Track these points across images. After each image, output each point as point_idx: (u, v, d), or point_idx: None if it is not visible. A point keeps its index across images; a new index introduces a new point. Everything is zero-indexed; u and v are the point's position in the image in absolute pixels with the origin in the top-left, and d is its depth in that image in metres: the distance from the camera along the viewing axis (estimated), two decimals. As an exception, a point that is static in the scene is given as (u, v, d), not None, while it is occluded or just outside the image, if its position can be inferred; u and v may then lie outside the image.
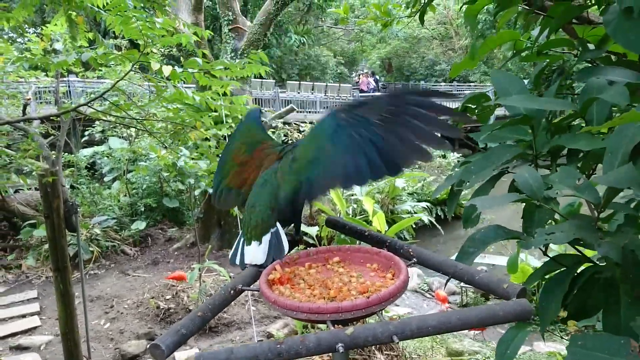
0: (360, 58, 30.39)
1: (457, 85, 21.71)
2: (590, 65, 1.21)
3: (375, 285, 0.89)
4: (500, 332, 5.90)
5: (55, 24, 4.56)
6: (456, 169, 1.13)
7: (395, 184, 7.53)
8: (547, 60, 1.26)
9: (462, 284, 7.07)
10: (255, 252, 1.01)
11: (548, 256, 0.93)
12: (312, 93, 18.33)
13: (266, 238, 1.02)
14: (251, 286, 0.92)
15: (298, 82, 19.00)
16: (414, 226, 8.34)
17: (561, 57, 1.31)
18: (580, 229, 0.74)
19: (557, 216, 0.93)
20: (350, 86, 21.00)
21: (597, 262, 0.88)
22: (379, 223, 4.43)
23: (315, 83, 19.39)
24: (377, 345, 4.73)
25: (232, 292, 0.87)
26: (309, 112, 17.12)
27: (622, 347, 0.65)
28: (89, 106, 3.91)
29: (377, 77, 26.77)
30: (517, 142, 1.06)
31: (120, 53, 3.63)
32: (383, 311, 0.85)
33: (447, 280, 0.95)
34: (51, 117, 5.04)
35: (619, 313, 0.78)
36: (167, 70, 3.54)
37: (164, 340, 0.69)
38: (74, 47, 4.31)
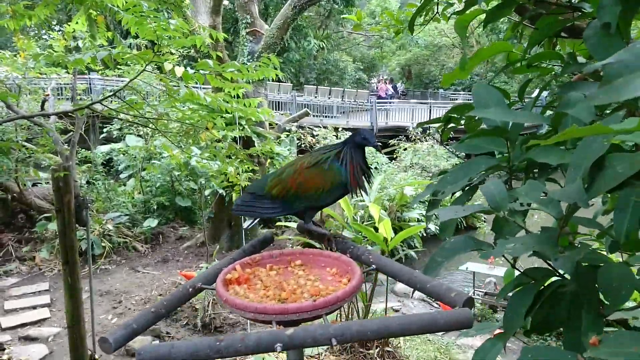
0: (379, 64, 30.37)
1: (476, 95, 21.47)
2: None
3: (329, 289, 0.90)
4: (510, 347, 5.82)
5: (77, 23, 4.67)
6: (436, 179, 1.13)
7: (404, 191, 7.50)
8: (538, 72, 1.26)
9: (470, 294, 7.01)
10: None
11: (517, 269, 0.93)
12: (329, 98, 18.37)
13: None
14: (212, 285, 0.94)
15: (315, 87, 19.06)
16: (424, 235, 8.28)
17: (552, 70, 1.31)
18: (541, 242, 0.75)
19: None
20: (367, 92, 20.98)
21: (565, 276, 0.87)
22: (385, 230, 4.41)
23: (332, 88, 19.42)
24: (380, 353, 4.71)
25: (190, 289, 0.89)
26: (326, 116, 17.16)
27: (570, 361, 0.65)
28: (102, 104, 4.00)
29: (396, 84, 26.73)
30: (498, 154, 1.07)
31: (134, 53, 3.70)
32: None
33: (414, 290, 0.96)
34: (67, 114, 5.15)
35: (580, 329, 0.78)
36: (179, 71, 3.59)
37: (114, 334, 0.71)
38: (94, 45, 4.41)
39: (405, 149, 12.82)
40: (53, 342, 5.15)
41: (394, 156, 13.19)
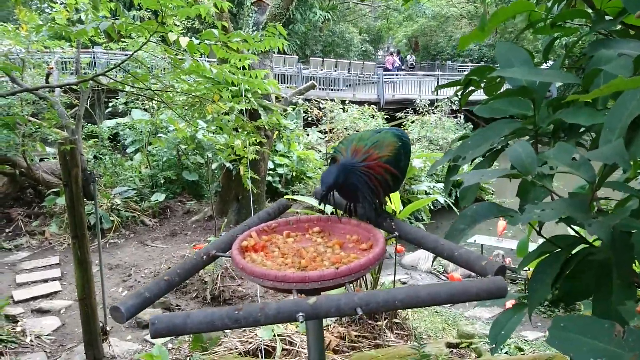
0: (386, 36, 29.88)
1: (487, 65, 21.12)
2: (604, 37, 1.14)
3: (350, 257, 0.87)
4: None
5: (78, -6, 4.57)
6: (455, 144, 1.08)
7: (412, 163, 7.43)
8: (559, 33, 1.20)
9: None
10: None
11: (543, 237, 0.89)
12: (335, 70, 18.13)
13: None
14: (226, 253, 0.91)
15: (321, 59, 18.81)
16: (432, 207, 8.25)
17: (577, 29, 1.24)
18: (573, 207, 0.70)
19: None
20: (374, 64, 20.68)
21: (593, 244, 0.83)
22: (393, 202, 4.38)
23: (338, 60, 19.15)
24: (388, 325, 4.74)
25: (204, 257, 0.86)
26: (332, 89, 16.97)
27: (606, 331, 0.61)
28: (107, 76, 3.94)
29: (404, 56, 26.33)
30: (521, 116, 1.01)
31: (138, 23, 3.62)
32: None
33: (435, 258, 0.92)
34: (71, 87, 5.10)
35: (610, 298, 0.74)
36: (184, 41, 3.52)
37: (125, 303, 0.68)
38: (96, 17, 4.32)
39: (412, 122, 12.70)
40: (65, 315, 5.22)
41: (402, 129, 13.07)
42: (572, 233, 1.00)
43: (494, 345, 1.03)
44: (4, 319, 4.80)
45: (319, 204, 1.04)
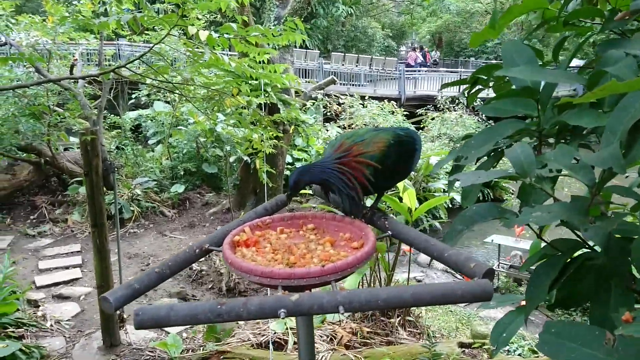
0: (409, 32, 29.57)
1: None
2: (618, 36, 1.11)
3: (340, 254, 0.87)
4: (534, 321, 5.76)
5: (102, -14, 4.64)
6: (459, 143, 1.07)
7: (429, 161, 7.37)
8: (574, 31, 1.17)
9: (494, 267, 6.94)
10: None
11: (543, 240, 0.88)
12: (357, 65, 18.05)
13: None
14: (219, 247, 0.92)
15: (343, 54, 18.74)
16: (449, 206, 8.17)
17: (591, 28, 1.21)
18: (570, 211, 0.69)
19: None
20: (395, 60, 20.50)
21: (593, 248, 0.82)
22: (409, 200, 4.34)
23: (360, 55, 19.05)
24: (401, 322, 4.72)
25: (197, 251, 0.87)
26: (353, 84, 16.90)
27: (596, 338, 0.61)
28: (128, 68, 4.00)
29: (429, 51, 26.03)
30: (526, 117, 1.00)
31: (159, 16, 3.67)
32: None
33: (431, 260, 0.92)
34: (95, 78, 5.19)
35: (609, 304, 0.73)
36: (203, 35, 3.55)
37: (114, 293, 0.69)
38: (120, 9, 4.39)
39: (433, 119, 12.58)
40: (84, 301, 5.34)
41: (422, 126, 12.96)
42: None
43: (495, 347, 1.02)
44: (26, 304, 4.93)
45: (287, 198, 1.12)
